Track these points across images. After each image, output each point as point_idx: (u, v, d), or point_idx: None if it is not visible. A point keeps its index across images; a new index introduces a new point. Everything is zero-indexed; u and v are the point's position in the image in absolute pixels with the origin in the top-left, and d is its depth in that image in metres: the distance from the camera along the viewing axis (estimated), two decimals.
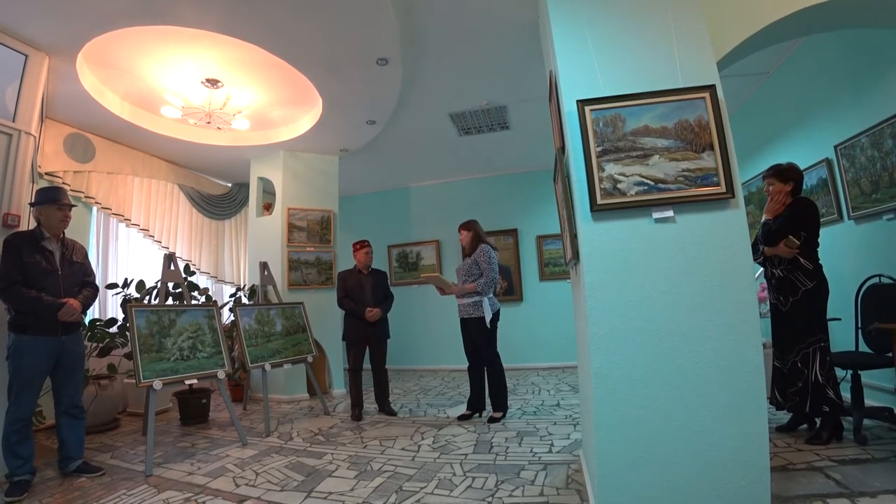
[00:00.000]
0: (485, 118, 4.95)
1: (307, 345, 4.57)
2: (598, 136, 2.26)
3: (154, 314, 3.44)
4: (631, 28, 2.38)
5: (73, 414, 3.00)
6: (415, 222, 7.27)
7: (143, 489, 2.75)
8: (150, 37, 3.28)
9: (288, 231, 5.30)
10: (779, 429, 2.95)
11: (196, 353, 3.54)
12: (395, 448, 3.31)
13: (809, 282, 2.70)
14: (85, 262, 3.12)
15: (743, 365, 1.98)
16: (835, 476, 2.28)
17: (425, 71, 3.97)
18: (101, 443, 3.70)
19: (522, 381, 5.49)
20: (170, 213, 5.45)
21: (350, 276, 4.40)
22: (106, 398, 4.03)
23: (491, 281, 3.85)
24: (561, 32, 2.46)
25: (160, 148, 5.05)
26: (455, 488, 2.55)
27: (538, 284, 6.56)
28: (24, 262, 2.73)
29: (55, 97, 3.78)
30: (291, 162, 5.41)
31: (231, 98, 3.97)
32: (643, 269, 2.12)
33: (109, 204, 4.71)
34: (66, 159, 4.30)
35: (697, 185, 2.15)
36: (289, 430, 3.93)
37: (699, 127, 2.20)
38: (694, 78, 2.25)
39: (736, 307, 2.03)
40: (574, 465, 2.78)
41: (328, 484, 2.73)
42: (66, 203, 2.93)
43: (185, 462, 3.21)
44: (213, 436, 3.87)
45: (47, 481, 2.88)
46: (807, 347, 2.69)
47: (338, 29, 3.20)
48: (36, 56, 3.14)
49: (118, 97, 4.15)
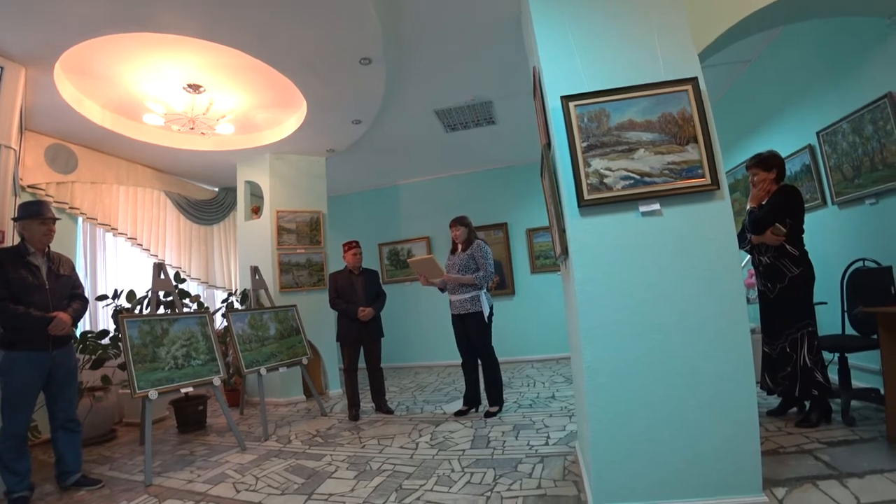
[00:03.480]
0: (471, 114, 4.94)
1: (302, 347, 4.57)
2: (583, 131, 2.28)
3: (146, 324, 3.42)
4: (613, 22, 2.39)
5: (69, 427, 2.98)
6: (404, 220, 7.27)
7: (144, 499, 2.75)
8: (129, 43, 3.23)
9: (277, 234, 5.27)
10: (769, 413, 3.01)
11: (190, 361, 3.53)
12: (394, 446, 3.34)
13: (796, 268, 2.74)
14: (72, 275, 3.09)
15: (732, 354, 2.02)
16: (824, 458, 2.32)
17: (410, 69, 3.95)
18: (98, 454, 3.69)
19: (517, 374, 5.53)
20: (157, 221, 5.40)
21: (341, 276, 4.40)
22: (101, 410, 4.01)
23: (489, 275, 3.89)
24: (543, 28, 2.47)
25: (144, 155, 5.00)
26: (454, 484, 2.59)
27: (530, 277, 6.59)
28: (10, 277, 2.70)
29: (33, 108, 3.72)
30: (278, 164, 5.38)
31: (214, 103, 3.93)
32: (631, 263, 2.15)
33: (95, 214, 4.66)
34: (48, 171, 4.23)
35: (683, 178, 2.17)
36: (287, 433, 3.94)
37: (683, 119, 2.22)
38: (676, 70, 2.26)
39: (723, 297, 2.06)
40: (570, 456, 2.82)
41: (329, 485, 2.74)
42: (50, 217, 2.89)
43: (184, 470, 3.21)
44: (212, 442, 3.87)
45: (46, 496, 2.87)
46: (795, 332, 2.73)
47: (319, 30, 3.18)
48: (11, 67, 3.09)
49: (98, 106, 4.09)
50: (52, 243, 2.99)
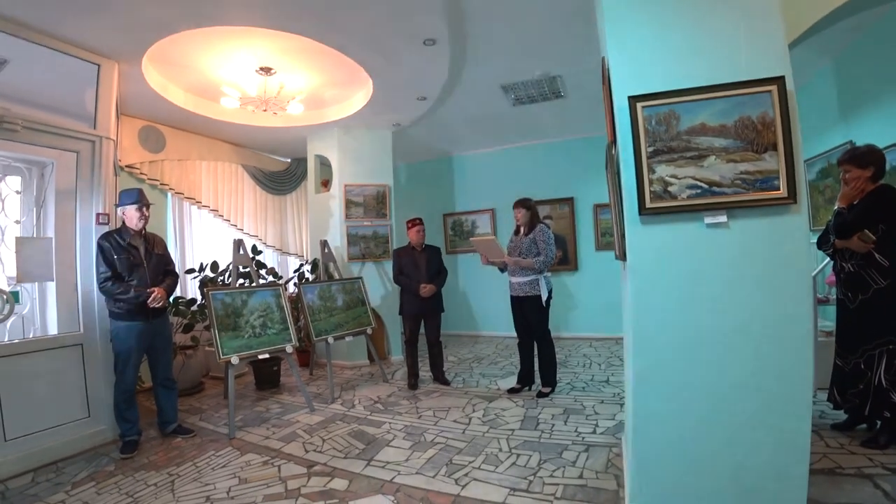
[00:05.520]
0: (538, 88, 4.76)
1: (366, 317, 4.85)
2: (649, 135, 2.15)
3: (228, 296, 3.79)
4: (691, 10, 2.17)
5: (167, 385, 3.45)
6: (470, 191, 7.21)
7: (228, 451, 3.15)
8: (205, 35, 3.41)
9: (346, 207, 5.49)
10: (835, 426, 2.81)
11: (266, 330, 3.88)
12: (448, 419, 3.52)
13: (883, 280, 2.49)
14: (165, 253, 3.46)
15: (790, 375, 1.92)
16: (884, 486, 2.18)
17: (476, 46, 3.84)
18: (189, 405, 4.22)
19: (574, 353, 5.54)
20: (236, 193, 5.80)
21: (404, 252, 4.54)
22: (191, 366, 4.56)
23: (549, 260, 3.88)
24: (613, 14, 2.30)
25: (222, 132, 5.34)
26: (500, 464, 2.72)
27: (594, 254, 6.40)
28: (115, 259, 3.09)
29: (126, 96, 4.07)
30: (346, 139, 5.53)
31: (284, 86, 4.08)
32: (691, 275, 2.06)
33: (182, 189, 5.10)
34: (141, 151, 4.68)
35: (756, 189, 2.01)
36: (351, 397, 4.26)
37: (762, 125, 2.03)
38: (760, 67, 2.03)
39: (788, 319, 1.94)
40: (616, 448, 2.84)
41: (386, 453, 2.98)
42: (145, 203, 3.24)
43: (261, 427, 3.60)
44: (284, 401, 4.28)
45: (151, 440, 3.37)
46: (872, 349, 2.53)
47: (382, 14, 3.17)
48: (107, 64, 3.40)
49: (181, 90, 4.40)
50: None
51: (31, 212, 3.24)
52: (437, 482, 2.56)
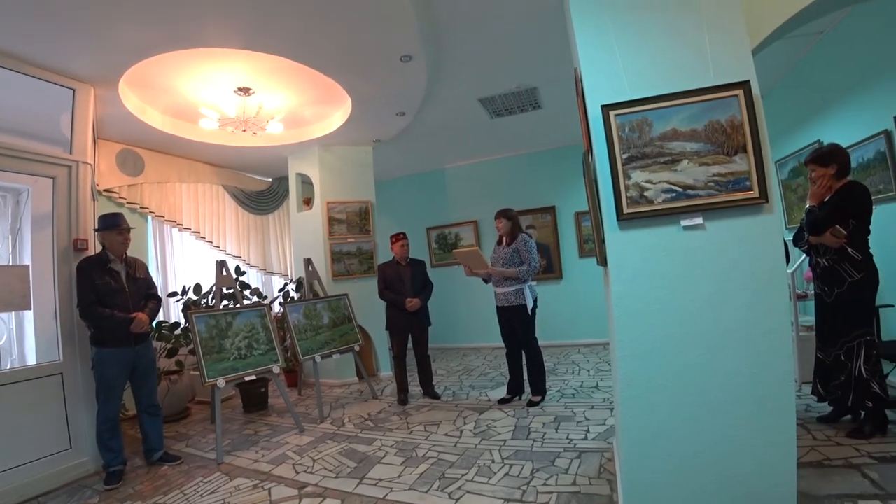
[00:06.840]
0: (516, 100, 4.85)
1: (353, 334, 4.82)
2: (623, 142, 2.21)
3: (212, 318, 3.73)
4: (659, 20, 2.24)
5: (151, 412, 3.38)
6: (452, 203, 7.27)
7: (217, 476, 3.08)
8: (182, 57, 3.41)
9: (329, 224, 5.48)
10: (821, 419, 2.88)
11: (252, 352, 3.83)
12: (439, 434, 3.50)
13: (857, 273, 2.57)
14: (147, 277, 3.42)
15: (773, 373, 1.96)
16: (871, 475, 2.22)
17: (452, 61, 3.91)
18: (176, 432, 4.13)
19: (563, 360, 5.56)
20: (217, 214, 5.75)
21: (389, 267, 4.54)
22: (177, 391, 4.47)
23: (532, 269, 3.90)
24: (583, 26, 2.36)
25: (202, 153, 5.31)
26: (493, 476, 2.71)
27: (578, 261, 6.49)
28: (96, 284, 3.04)
29: (103, 119, 4.04)
30: (326, 156, 5.54)
31: (263, 106, 4.08)
32: (671, 278, 2.10)
33: (162, 212, 5.04)
34: (119, 174, 4.62)
35: (729, 191, 2.08)
36: (341, 415, 4.21)
37: (731, 128, 2.10)
38: (727, 72, 2.11)
39: (768, 315, 1.99)
40: (607, 453, 2.86)
41: (378, 470, 2.95)
42: (126, 227, 3.20)
43: (250, 450, 3.53)
44: (273, 423, 4.21)
45: (136, 469, 3.28)
46: (851, 341, 2.60)
47: (357, 32, 3.21)
48: (82, 88, 3.37)
49: (159, 113, 4.37)
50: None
51: (6, 239, 3.18)
52: (431, 497, 2.54)
